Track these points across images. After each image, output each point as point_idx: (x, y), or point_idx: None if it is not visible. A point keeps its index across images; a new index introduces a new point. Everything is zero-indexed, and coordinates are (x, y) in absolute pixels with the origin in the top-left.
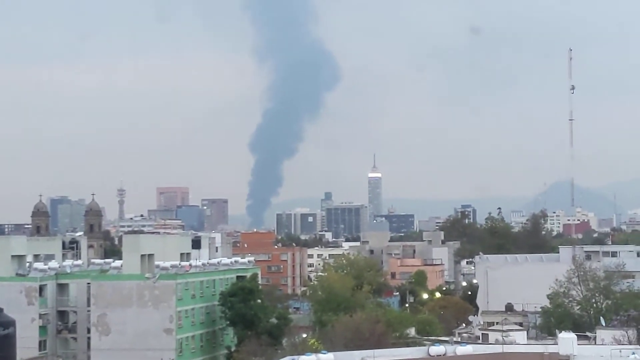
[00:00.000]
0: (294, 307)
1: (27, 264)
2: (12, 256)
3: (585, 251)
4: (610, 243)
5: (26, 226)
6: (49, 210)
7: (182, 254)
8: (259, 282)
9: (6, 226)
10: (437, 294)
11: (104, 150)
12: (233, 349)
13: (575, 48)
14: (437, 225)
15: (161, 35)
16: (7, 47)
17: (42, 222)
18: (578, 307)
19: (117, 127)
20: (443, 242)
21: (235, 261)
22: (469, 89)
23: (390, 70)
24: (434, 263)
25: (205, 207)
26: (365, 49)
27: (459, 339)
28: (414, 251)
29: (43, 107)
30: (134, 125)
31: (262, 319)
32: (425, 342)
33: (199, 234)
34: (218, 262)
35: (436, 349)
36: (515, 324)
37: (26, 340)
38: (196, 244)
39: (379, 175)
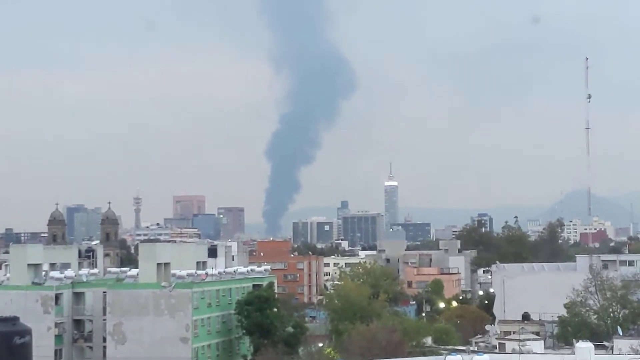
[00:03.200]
0: (310, 316)
1: (43, 273)
2: (29, 265)
3: (602, 260)
4: (627, 252)
5: (42, 234)
6: (65, 218)
7: (198, 263)
8: (275, 290)
9: (22, 234)
10: (454, 303)
11: (120, 159)
12: (249, 358)
13: (591, 56)
14: (453, 234)
15: (177, 42)
16: (22, 54)
17: (58, 230)
18: (595, 317)
19: (133, 135)
20: (459, 251)
21: (252, 270)
22: (485, 96)
23: (406, 77)
24: (451, 272)
25: (221, 216)
26: (381, 56)
27: (476, 348)
28: (431, 260)
29: (58, 114)
30: (149, 133)
31: (279, 327)
32: (441, 351)
33: (215, 242)
34: (234, 271)
35: (453, 358)
36: (532, 333)
37: (42, 349)
38: (212, 252)
39: (395, 183)
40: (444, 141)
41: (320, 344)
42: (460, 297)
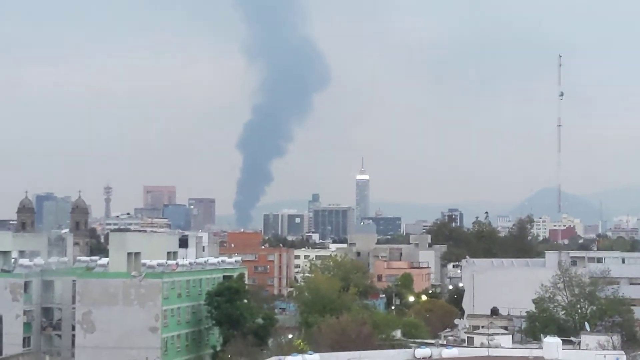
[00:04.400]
0: (280, 308)
1: (12, 260)
2: None
3: (571, 257)
4: (595, 249)
5: (11, 222)
6: (34, 206)
7: (168, 253)
8: (246, 282)
9: None
10: (423, 297)
11: (92, 148)
12: (218, 348)
13: (564, 56)
14: (424, 229)
15: (150, 35)
16: None
17: (27, 218)
18: (563, 312)
19: (105, 126)
20: (430, 246)
21: (222, 261)
22: (457, 94)
23: (379, 73)
24: (421, 266)
25: (192, 207)
26: (354, 53)
27: (445, 342)
28: (401, 254)
29: (31, 106)
30: (122, 125)
31: (248, 319)
32: (411, 344)
33: (186, 233)
34: (205, 262)
35: (422, 352)
36: (501, 327)
37: (10, 337)
38: (183, 243)
39: (366, 177)
40: (416, 138)
41: (290, 336)
42: (430, 291)
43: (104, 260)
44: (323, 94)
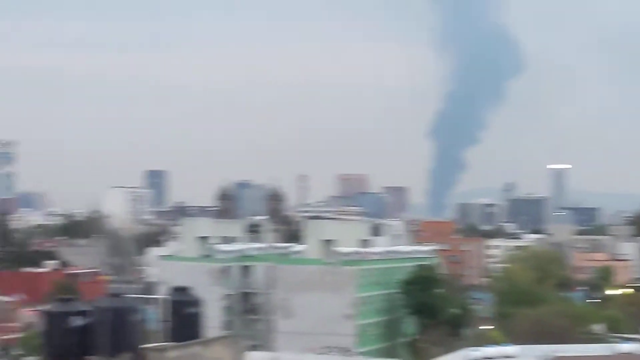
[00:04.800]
0: (475, 298)
1: (212, 246)
2: (198, 237)
3: None
4: None
5: (211, 209)
6: (233, 193)
7: (361, 241)
8: (440, 271)
9: (192, 208)
10: (625, 290)
11: (286, 137)
12: (413, 337)
13: None
14: (625, 220)
15: (337, 23)
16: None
17: (226, 205)
18: None
19: (297, 115)
20: (632, 237)
21: (416, 249)
22: None
23: (579, 58)
24: (622, 258)
25: (385, 195)
26: (550, 37)
27: None
28: (600, 245)
29: (233, 95)
30: (314, 114)
31: (443, 308)
32: (613, 339)
33: (379, 221)
34: (398, 250)
35: (626, 347)
36: None
37: (211, 320)
38: (376, 231)
39: (563, 166)
40: (616, 124)
41: (485, 327)
42: (632, 285)
43: (300, 247)
44: (519, 79)
